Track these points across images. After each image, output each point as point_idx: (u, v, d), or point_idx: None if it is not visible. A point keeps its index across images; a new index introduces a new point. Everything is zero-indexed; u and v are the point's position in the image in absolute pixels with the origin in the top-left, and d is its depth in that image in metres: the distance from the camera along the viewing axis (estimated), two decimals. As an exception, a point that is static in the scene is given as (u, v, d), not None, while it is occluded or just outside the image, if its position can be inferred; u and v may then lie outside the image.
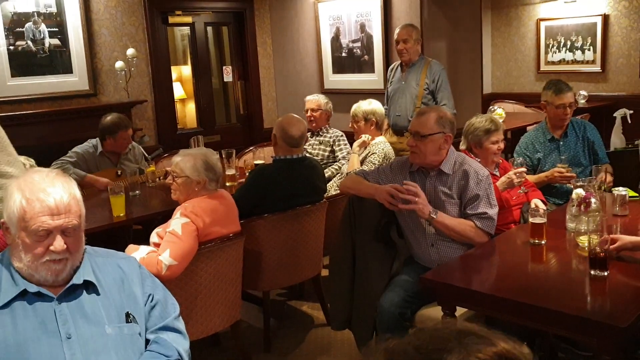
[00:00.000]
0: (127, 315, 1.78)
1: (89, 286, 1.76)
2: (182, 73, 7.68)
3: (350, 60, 6.30)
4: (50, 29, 5.53)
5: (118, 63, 5.77)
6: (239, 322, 3.16)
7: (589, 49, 7.35)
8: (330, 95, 5.18)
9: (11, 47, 5.33)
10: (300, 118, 3.59)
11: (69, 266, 1.72)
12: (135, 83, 6.07)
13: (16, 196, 1.67)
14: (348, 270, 2.91)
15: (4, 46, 5.29)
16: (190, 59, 7.05)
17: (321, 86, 6.57)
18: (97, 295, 1.76)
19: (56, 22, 5.57)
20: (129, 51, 5.78)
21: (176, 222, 2.71)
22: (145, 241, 2.92)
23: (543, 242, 2.59)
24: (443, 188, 2.77)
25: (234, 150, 4.35)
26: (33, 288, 1.68)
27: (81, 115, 5.62)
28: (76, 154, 4.14)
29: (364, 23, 6.06)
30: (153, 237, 2.85)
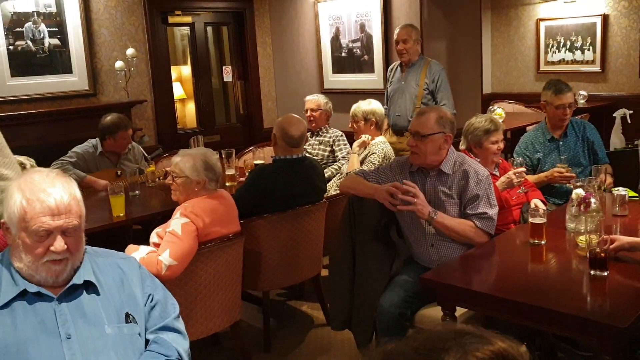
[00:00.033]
0: (127, 315, 1.77)
1: (89, 286, 1.76)
2: (182, 73, 7.68)
3: (350, 60, 6.30)
4: (50, 29, 5.53)
5: (118, 63, 5.78)
6: (239, 322, 3.16)
7: (589, 49, 7.35)
8: (330, 95, 5.17)
9: (11, 47, 5.33)
10: (300, 118, 3.59)
11: (69, 267, 1.72)
12: (135, 83, 6.07)
13: (16, 196, 1.67)
14: (348, 270, 2.91)
15: (4, 46, 5.29)
16: (190, 59, 7.05)
17: (321, 86, 6.57)
18: (97, 295, 1.76)
19: (56, 22, 5.57)
20: (129, 51, 5.78)
21: (176, 222, 2.71)
22: (145, 241, 2.92)
23: (543, 242, 2.59)
24: (443, 188, 2.77)
25: (234, 150, 4.36)
26: (33, 288, 1.68)
27: (81, 115, 5.63)
28: (76, 154, 4.14)
29: (364, 23, 6.06)
30: (153, 237, 2.85)
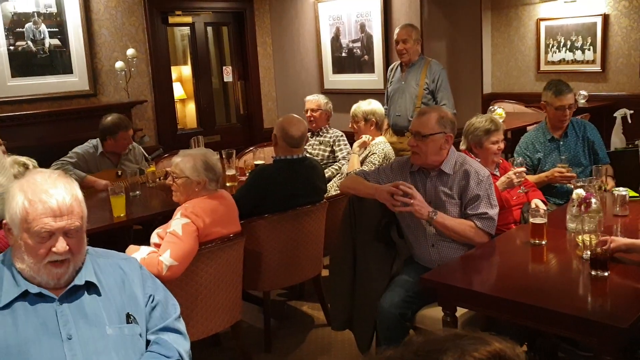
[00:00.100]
0: (128, 316, 1.78)
1: (90, 287, 1.76)
2: (182, 73, 7.68)
3: (350, 60, 6.30)
4: (50, 29, 5.53)
5: (118, 63, 5.77)
6: (240, 323, 3.16)
7: (589, 49, 7.35)
8: (330, 95, 5.17)
9: (11, 48, 5.33)
10: (300, 118, 3.59)
11: (71, 268, 1.72)
12: (135, 83, 6.07)
13: (18, 197, 1.67)
14: (348, 270, 2.91)
15: (4, 46, 5.29)
16: (190, 59, 7.05)
17: (321, 86, 6.57)
18: (98, 296, 1.76)
19: (56, 22, 5.57)
20: (129, 51, 5.78)
21: (176, 223, 2.71)
22: (145, 242, 2.92)
23: (543, 243, 2.59)
24: (444, 188, 2.77)
25: (234, 150, 4.36)
26: (34, 289, 1.68)
27: (81, 115, 5.63)
28: (76, 155, 4.14)
29: (364, 23, 6.06)
30: (153, 238, 2.85)
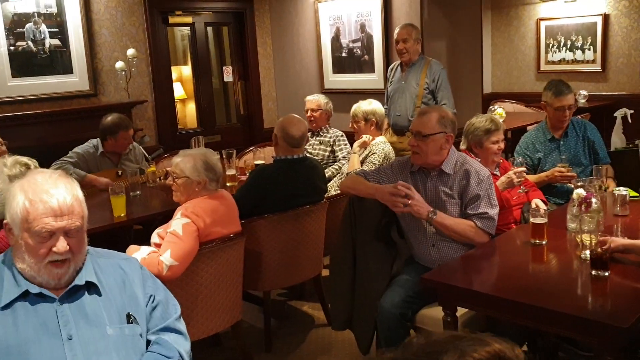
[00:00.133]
0: (128, 316, 1.78)
1: (91, 287, 1.76)
2: (182, 73, 7.68)
3: (350, 60, 6.30)
4: (50, 30, 5.53)
5: (118, 63, 5.78)
6: (240, 323, 3.16)
7: (589, 49, 7.35)
8: (330, 95, 5.17)
9: (12, 48, 5.34)
10: (301, 118, 3.59)
11: (72, 268, 1.72)
12: (135, 83, 6.07)
13: (19, 197, 1.67)
14: (349, 270, 2.91)
15: (5, 47, 5.29)
16: (190, 59, 7.05)
17: (321, 86, 6.57)
18: (99, 296, 1.76)
19: (56, 23, 5.57)
20: (129, 51, 5.78)
21: (177, 223, 2.71)
22: (146, 241, 2.92)
23: (544, 242, 2.59)
24: (444, 188, 2.77)
25: (234, 150, 4.36)
26: (35, 289, 1.68)
27: (81, 115, 5.63)
28: (77, 155, 4.14)
29: (364, 23, 6.06)
30: (154, 238, 2.85)
